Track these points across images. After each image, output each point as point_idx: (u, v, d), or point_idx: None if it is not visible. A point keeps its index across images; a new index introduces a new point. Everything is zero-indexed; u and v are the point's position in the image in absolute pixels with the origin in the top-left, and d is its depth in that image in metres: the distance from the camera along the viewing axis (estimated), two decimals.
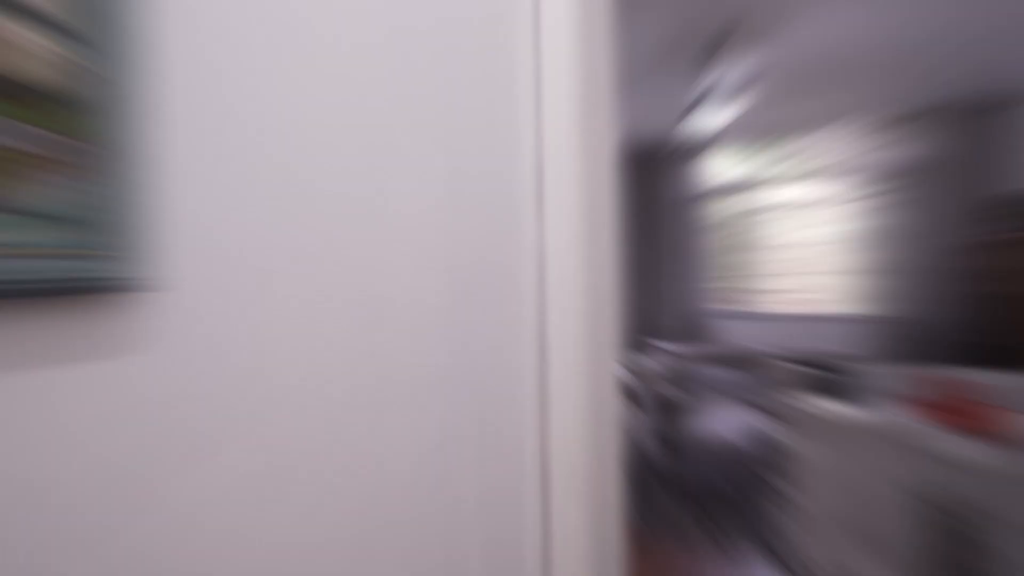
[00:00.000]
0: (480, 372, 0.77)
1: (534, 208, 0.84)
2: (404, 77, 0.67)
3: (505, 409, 0.81)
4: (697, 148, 6.12)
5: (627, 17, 3.30)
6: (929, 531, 2.00)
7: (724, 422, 4.18)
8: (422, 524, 0.68)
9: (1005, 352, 3.79)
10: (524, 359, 0.84)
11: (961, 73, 4.30)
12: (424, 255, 0.70)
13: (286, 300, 0.55)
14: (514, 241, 0.83)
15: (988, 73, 4.32)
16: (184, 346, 0.46)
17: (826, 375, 5.13)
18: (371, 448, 0.62)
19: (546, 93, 0.82)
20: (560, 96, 0.81)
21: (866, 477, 2.05)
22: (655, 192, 6.37)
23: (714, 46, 3.61)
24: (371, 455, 0.62)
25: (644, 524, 3.49)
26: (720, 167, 7.07)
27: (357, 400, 0.61)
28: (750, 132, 5.92)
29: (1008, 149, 4.82)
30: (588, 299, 0.84)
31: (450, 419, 0.72)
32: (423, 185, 0.70)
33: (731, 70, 3.97)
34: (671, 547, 3.24)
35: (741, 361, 5.69)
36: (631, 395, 4.67)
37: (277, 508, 0.53)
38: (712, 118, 4.01)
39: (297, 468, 0.55)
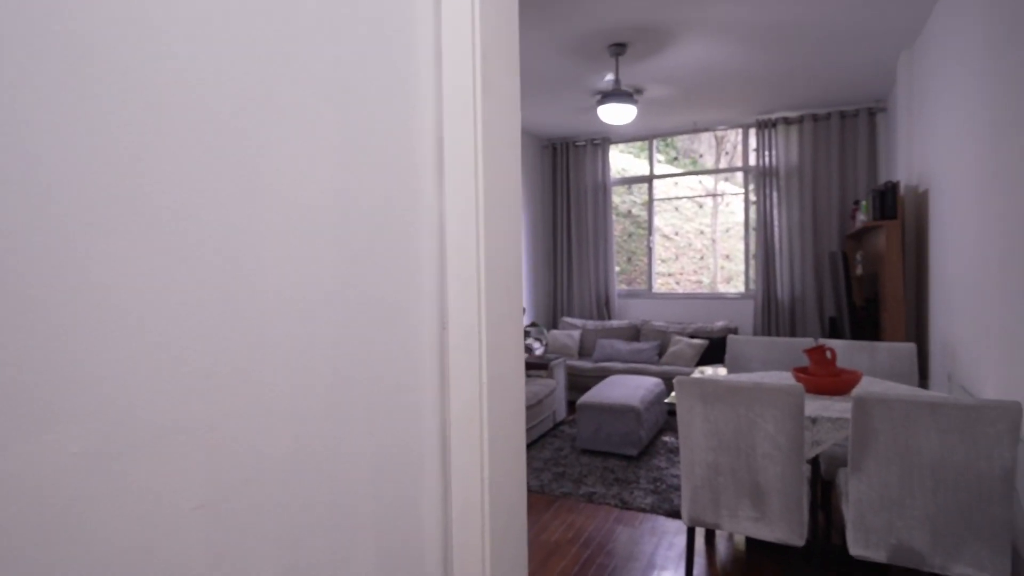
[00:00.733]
0: (376, 339, 0.68)
1: (435, 176, 0.75)
2: (287, 24, 0.56)
3: (404, 374, 0.72)
4: (603, 142, 6.16)
5: (540, 15, 3.22)
6: (793, 476, 2.09)
7: (626, 388, 4.26)
8: (305, 502, 0.59)
9: (864, 323, 4.05)
10: (424, 327, 0.75)
11: (828, 87, 4.52)
12: (312, 216, 0.59)
13: (134, 262, 0.44)
14: (415, 209, 0.74)
15: (850, 88, 4.57)
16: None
17: (712, 345, 5.33)
18: (236, 421, 0.52)
19: (447, 59, 0.73)
20: (461, 61, 0.72)
21: (742, 432, 2.11)
22: (568, 181, 6.39)
23: (616, 52, 3.60)
24: (238, 427, 0.52)
25: (552, 484, 3.51)
26: (623, 160, 7.18)
27: (219, 368, 0.50)
28: (650, 130, 6.02)
29: (873, 150, 5.13)
30: (490, 269, 0.76)
31: (340, 387, 0.63)
32: (310, 145, 0.60)
33: (632, 73, 3.98)
34: (579, 504, 3.26)
35: (641, 334, 5.83)
36: (543, 365, 4.68)
37: (113, 496, 0.43)
38: (617, 117, 4.02)
39: (139, 448, 0.45)
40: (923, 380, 3.52)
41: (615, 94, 3.85)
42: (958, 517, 1.87)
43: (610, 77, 3.78)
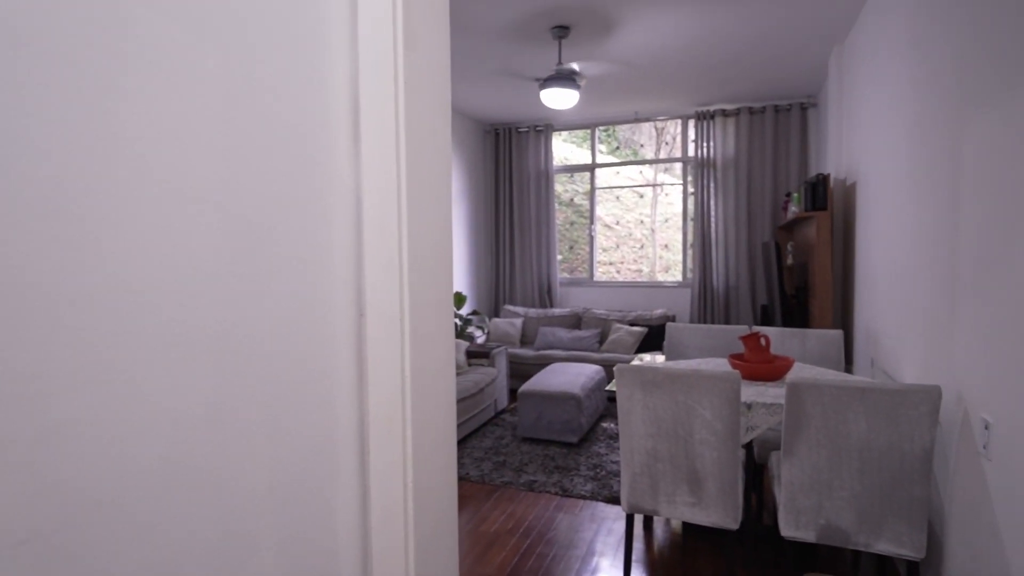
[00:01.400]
0: (278, 329, 0.58)
1: (350, 144, 0.66)
2: None
3: (314, 368, 0.63)
4: (546, 129, 6.12)
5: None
6: (729, 461, 2.11)
7: (567, 376, 4.26)
8: (183, 521, 0.49)
9: (794, 311, 4.18)
10: (338, 315, 0.66)
11: (764, 80, 4.63)
12: (189, 183, 0.49)
13: None
14: (326, 180, 0.65)
15: (785, 82, 4.69)
16: None
17: (651, 333, 5.41)
18: (86, 428, 0.42)
19: (362, 2, 0.64)
20: (378, 5, 0.63)
21: (680, 419, 2.12)
22: (510, 167, 6.31)
23: (559, 35, 3.54)
24: (89, 435, 0.42)
25: (493, 473, 3.46)
26: (566, 149, 7.17)
27: (52, 367, 0.40)
28: (592, 118, 6.02)
29: (805, 144, 5.30)
30: (414, 251, 0.68)
31: (230, 384, 0.53)
32: (183, 91, 0.49)
33: (575, 57, 3.93)
34: (519, 493, 3.23)
35: (582, 322, 5.85)
36: (484, 354, 4.61)
37: None
38: (559, 101, 3.97)
39: None
40: (848, 365, 3.67)
41: (557, 78, 3.79)
42: (881, 497, 1.93)
43: (554, 61, 3.71)
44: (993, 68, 1.63)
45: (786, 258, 4.80)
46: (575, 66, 3.76)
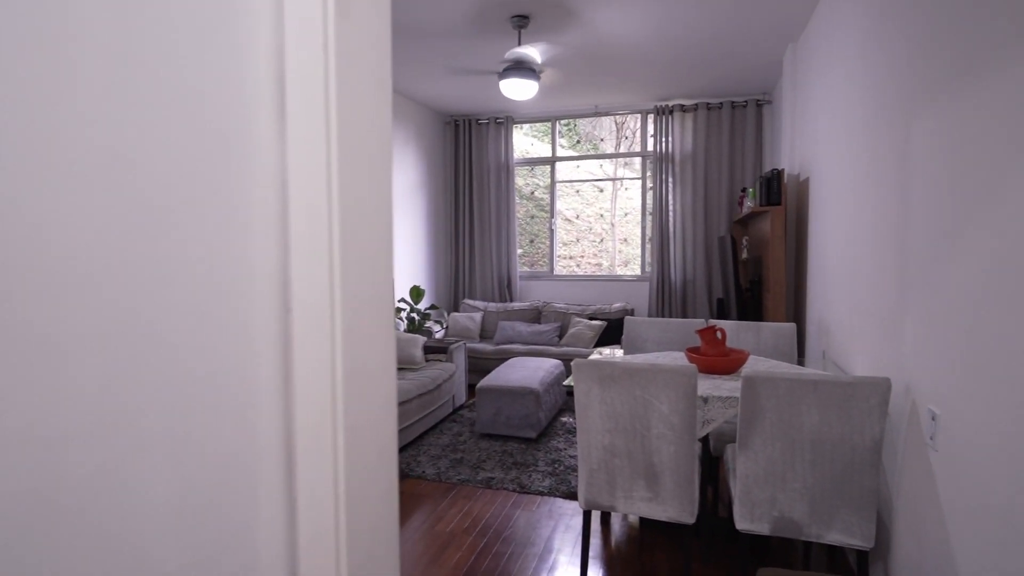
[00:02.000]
0: (181, 326, 0.51)
1: (274, 120, 0.59)
2: None
3: (230, 371, 0.56)
4: (507, 121, 6.05)
5: None
6: (685, 455, 2.11)
7: (526, 370, 4.23)
8: (57, 559, 0.42)
9: (749, 304, 4.26)
10: (259, 311, 0.59)
11: (721, 77, 4.68)
12: (63, 166, 0.42)
13: None
14: (245, 164, 0.58)
15: (741, 79, 4.75)
16: None
17: (611, 326, 5.43)
18: None
19: None
20: None
21: (638, 413, 2.10)
22: (470, 159, 6.23)
23: (519, 24, 3.48)
24: None
25: (450, 471, 3.40)
26: (528, 143, 7.13)
27: None
28: (552, 111, 5.99)
29: (760, 140, 5.40)
30: (348, 240, 0.62)
31: (117, 393, 0.46)
32: (63, 56, 0.42)
33: (535, 48, 3.88)
34: (476, 491, 3.18)
35: (542, 316, 5.84)
36: (442, 349, 4.54)
37: None
38: (518, 92, 3.91)
39: None
40: (801, 358, 3.75)
41: (517, 68, 3.73)
42: (832, 488, 1.96)
43: (513, 50, 3.65)
44: (938, 67, 1.65)
45: (741, 252, 4.89)
46: (534, 52, 3.71)
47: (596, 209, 7.38)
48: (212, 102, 0.54)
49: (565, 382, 2.70)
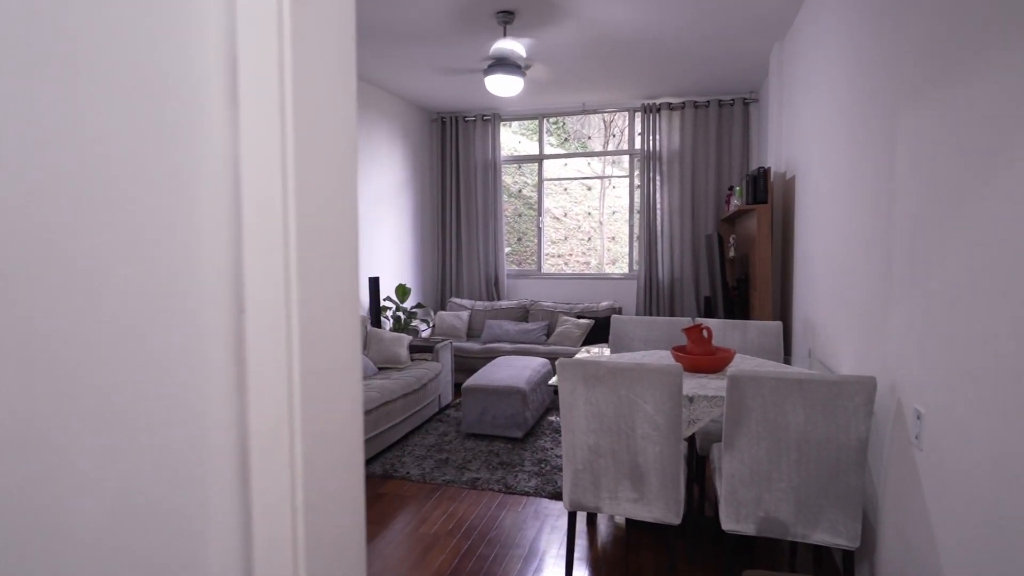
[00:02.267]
0: (123, 331, 0.48)
1: (226, 107, 0.55)
2: None
3: (176, 375, 0.53)
4: (494, 119, 6.01)
5: None
6: (671, 456, 2.09)
7: (512, 369, 4.20)
8: None
9: (735, 302, 4.25)
10: (210, 310, 0.56)
11: (708, 75, 4.67)
12: None
13: None
14: (193, 153, 0.54)
15: (728, 77, 4.75)
16: None
17: (598, 325, 5.41)
18: None
19: None
20: None
21: (623, 413, 2.08)
22: (457, 157, 6.18)
23: (504, 20, 3.44)
24: None
25: (435, 471, 3.37)
26: (516, 141, 7.09)
27: None
28: (540, 109, 5.95)
29: (747, 139, 5.40)
30: (306, 235, 0.58)
31: (46, 399, 0.42)
32: None
33: (519, 43, 3.85)
34: (461, 492, 3.15)
35: (530, 315, 5.81)
36: (428, 348, 4.50)
37: None
38: (503, 88, 3.88)
39: None
40: (787, 356, 3.76)
41: (502, 64, 3.70)
42: (818, 488, 1.95)
43: (496, 45, 3.61)
44: (924, 62, 1.64)
45: (728, 250, 4.89)
46: (518, 46, 3.67)
47: (584, 207, 7.37)
48: (157, 89, 0.50)
49: (551, 381, 2.67)
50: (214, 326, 0.56)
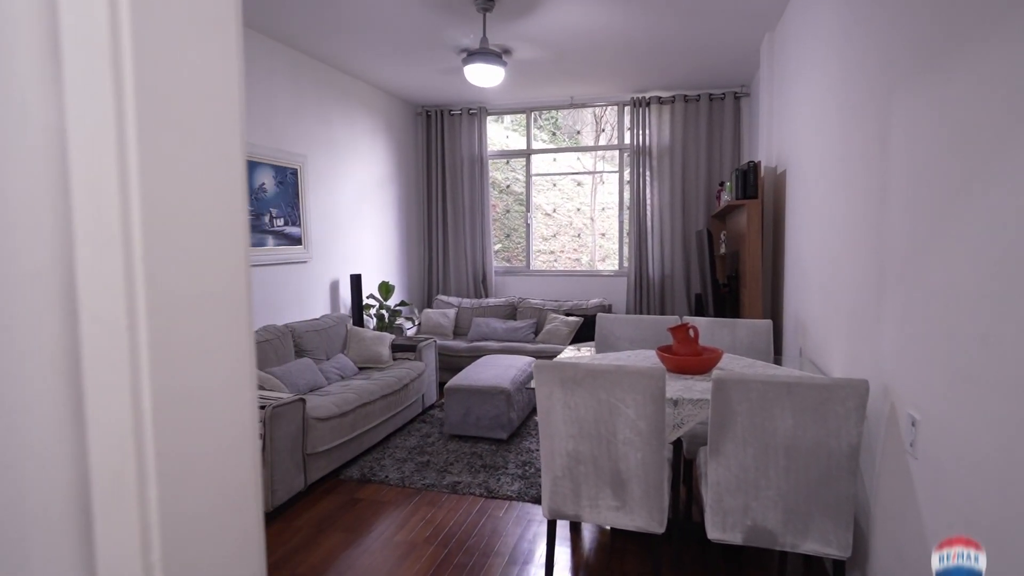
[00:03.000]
0: None
1: (45, 68, 0.43)
2: None
3: None
4: (480, 112, 5.88)
5: None
6: (654, 462, 1.98)
7: (498, 368, 4.08)
8: None
9: (726, 300, 4.15)
10: (30, 319, 0.44)
11: (698, 68, 4.55)
12: None
13: None
14: (3, 121, 0.42)
15: (719, 70, 4.63)
16: None
17: (587, 323, 5.29)
18: None
19: None
20: None
21: (603, 418, 1.97)
22: (443, 151, 6.04)
23: (484, 7, 3.30)
24: None
25: (415, 475, 3.24)
26: (503, 134, 6.96)
27: None
28: (527, 103, 5.82)
29: (738, 134, 5.29)
30: (158, 225, 0.46)
31: None
32: None
33: (502, 33, 3.72)
34: (441, 496, 3.03)
35: (518, 312, 5.69)
36: (410, 347, 4.38)
37: None
38: (484, 78, 3.75)
39: None
40: (777, 355, 3.65)
41: (481, 53, 3.56)
42: (807, 496, 1.85)
43: (479, 36, 3.48)
44: (918, 48, 1.53)
45: (719, 247, 4.78)
46: (501, 42, 3.54)
47: (575, 203, 7.25)
48: None
49: (530, 384, 2.56)
50: (37, 337, 0.44)
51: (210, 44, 0.51)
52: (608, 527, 2.74)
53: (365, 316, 5.01)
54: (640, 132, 5.48)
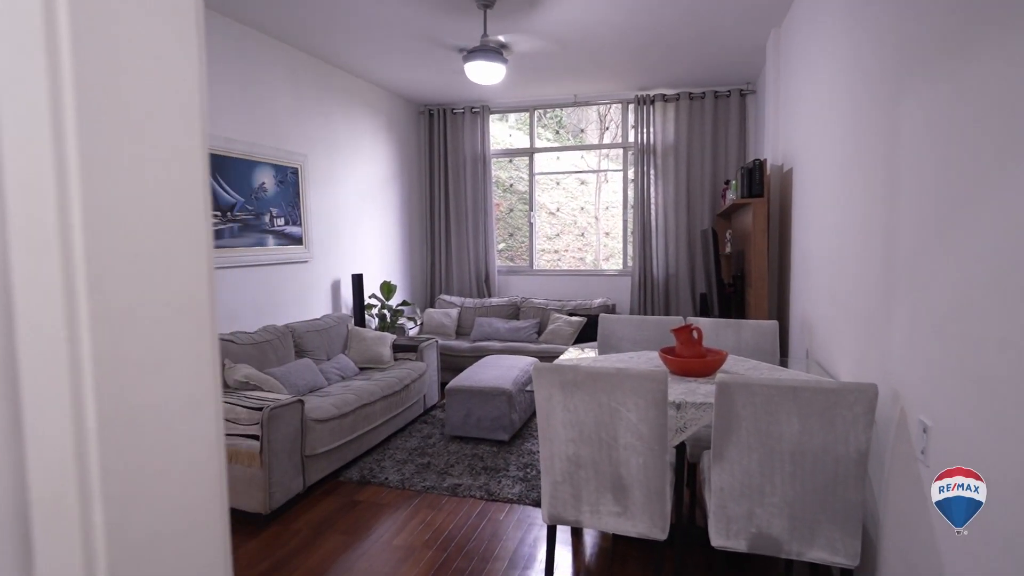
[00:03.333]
0: None
1: None
2: None
3: None
4: (483, 111, 5.83)
5: None
6: (656, 467, 1.93)
7: (499, 369, 4.03)
8: None
9: (731, 300, 4.09)
10: None
11: (702, 65, 4.49)
12: None
13: None
14: None
15: (724, 67, 4.57)
16: None
17: (590, 323, 5.24)
18: None
19: None
20: None
21: (604, 422, 1.92)
22: (445, 150, 6.00)
23: (484, 4, 3.25)
24: None
25: (415, 477, 3.21)
26: (506, 133, 6.91)
27: None
28: (530, 101, 5.77)
29: (743, 132, 5.22)
30: (101, 222, 0.42)
31: None
32: None
33: (504, 30, 3.67)
34: (441, 499, 2.99)
35: (521, 312, 5.65)
36: (412, 347, 4.34)
37: None
38: (484, 76, 3.70)
39: None
40: (783, 357, 3.60)
41: (482, 50, 3.52)
42: (814, 502, 1.80)
43: (479, 32, 3.44)
44: (928, 45, 1.47)
45: (724, 246, 4.72)
46: (501, 38, 3.50)
47: (579, 202, 7.20)
48: None
49: (527, 387, 2.52)
50: None
51: (164, 26, 0.46)
52: (610, 532, 2.70)
53: (367, 316, 4.98)
54: (644, 130, 5.43)
